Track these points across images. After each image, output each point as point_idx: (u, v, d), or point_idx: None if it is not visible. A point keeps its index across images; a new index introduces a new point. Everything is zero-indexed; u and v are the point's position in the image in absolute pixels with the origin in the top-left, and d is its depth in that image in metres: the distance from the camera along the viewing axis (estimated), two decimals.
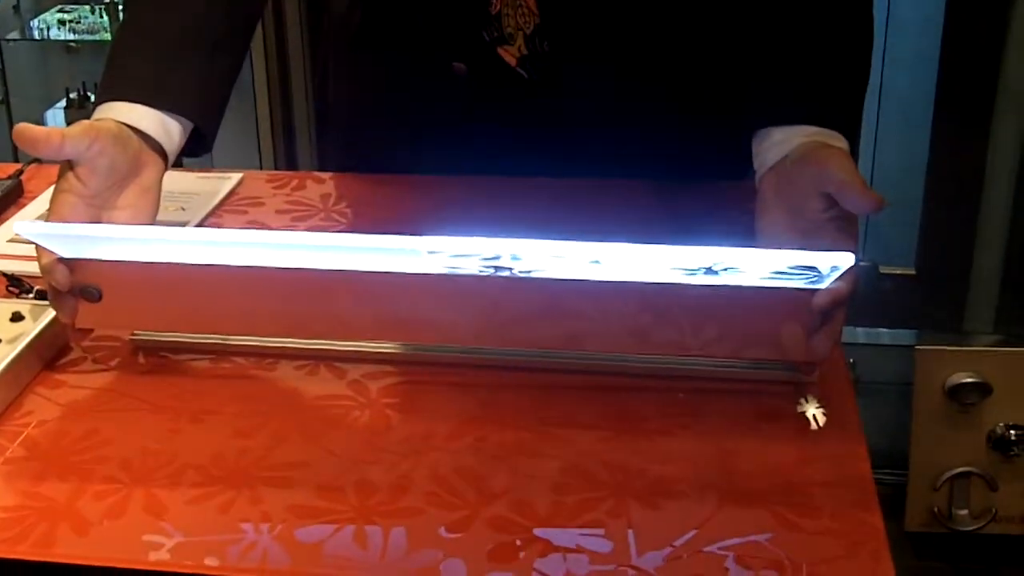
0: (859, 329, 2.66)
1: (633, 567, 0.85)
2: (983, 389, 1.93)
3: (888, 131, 2.73)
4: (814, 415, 1.01)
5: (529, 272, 0.95)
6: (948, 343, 2.41)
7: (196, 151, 1.23)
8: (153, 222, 1.14)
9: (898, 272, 2.79)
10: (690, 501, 0.92)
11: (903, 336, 2.73)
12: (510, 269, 0.94)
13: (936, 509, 2.02)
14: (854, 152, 1.12)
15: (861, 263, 1.02)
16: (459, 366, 1.08)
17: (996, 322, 2.72)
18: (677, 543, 0.87)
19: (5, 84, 3.11)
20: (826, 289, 0.95)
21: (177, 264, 1.00)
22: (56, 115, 3.13)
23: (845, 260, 0.90)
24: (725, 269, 0.92)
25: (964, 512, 2.01)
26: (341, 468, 0.96)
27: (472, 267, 0.95)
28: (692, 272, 0.93)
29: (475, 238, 0.92)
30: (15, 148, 1.14)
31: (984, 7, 2.62)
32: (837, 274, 0.92)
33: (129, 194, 1.12)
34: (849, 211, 1.04)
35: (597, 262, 0.93)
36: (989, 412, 1.96)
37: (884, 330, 2.72)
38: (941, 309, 2.75)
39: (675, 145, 1.43)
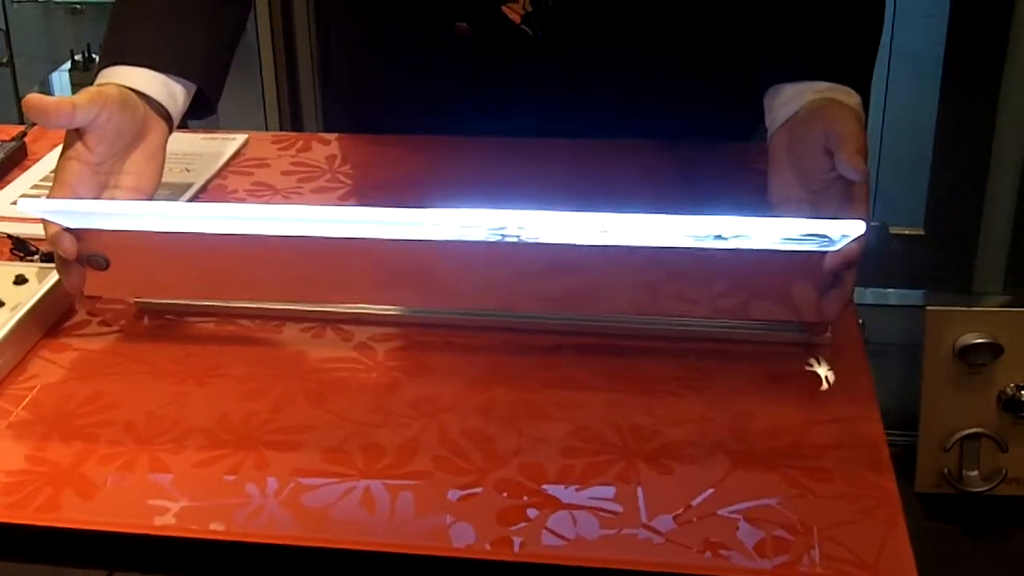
0: (867, 290, 2.64)
1: (643, 528, 0.85)
2: (994, 350, 1.92)
3: (898, 90, 2.71)
4: (826, 376, 1.01)
5: (536, 239, 0.94)
6: (957, 303, 2.40)
7: (200, 114, 1.22)
8: (158, 187, 1.13)
9: (907, 232, 2.77)
10: (701, 464, 0.91)
11: (911, 296, 2.71)
12: (517, 237, 0.93)
13: (946, 470, 2.00)
14: (866, 108, 1.11)
15: (872, 224, 1.01)
16: (467, 328, 1.07)
17: (1005, 282, 2.71)
18: (687, 506, 0.86)
19: (10, 46, 3.09)
20: (836, 251, 0.94)
21: (184, 233, 0.99)
22: (61, 77, 3.11)
23: (856, 228, 0.88)
24: (735, 236, 0.91)
25: (974, 473, 2.00)
26: (348, 431, 0.95)
27: (478, 236, 0.93)
28: (701, 239, 0.92)
29: (480, 210, 0.91)
30: (20, 112, 1.13)
31: None
32: (847, 241, 0.91)
33: (134, 159, 1.11)
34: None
35: (605, 232, 0.92)
36: (1000, 373, 1.95)
37: (892, 290, 2.71)
38: (950, 269, 2.74)
39: (683, 103, 1.42)
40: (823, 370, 1.02)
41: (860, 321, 1.09)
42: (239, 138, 1.45)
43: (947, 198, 2.75)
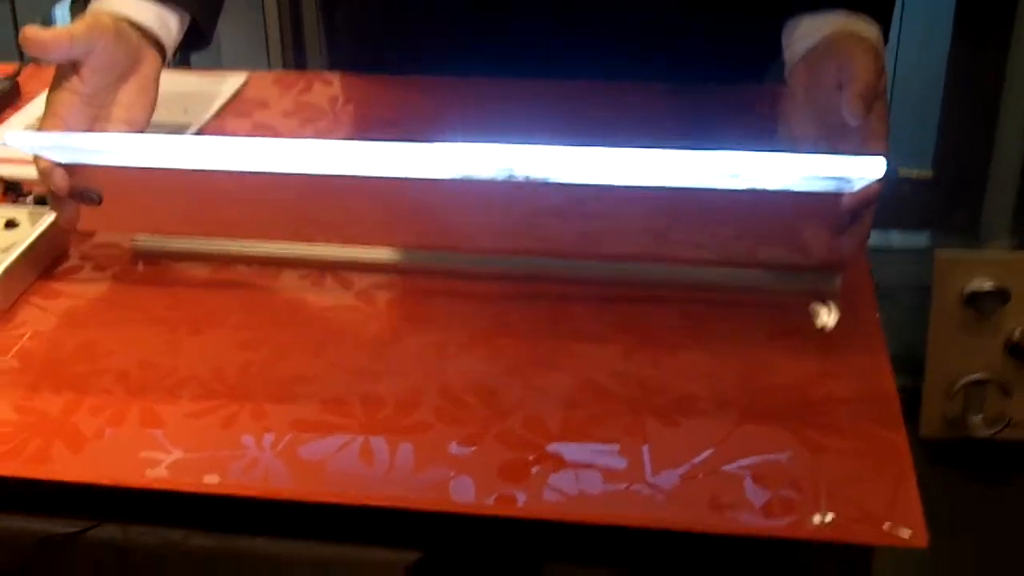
0: (873, 232, 2.62)
1: (648, 485, 0.83)
2: (1002, 296, 1.91)
3: (908, 31, 2.68)
4: (830, 322, 0.99)
5: (545, 178, 0.91)
6: (964, 248, 2.38)
7: (195, 45, 1.19)
8: (150, 119, 1.10)
9: (915, 174, 2.75)
10: (708, 418, 0.89)
11: (917, 239, 2.69)
12: (525, 176, 0.91)
13: (951, 416, 2.00)
14: (887, 39, 1.08)
15: None
16: (470, 276, 1.05)
17: (1013, 228, 2.69)
18: (694, 461, 0.84)
19: None
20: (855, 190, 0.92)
21: (179, 169, 0.96)
22: (63, 11, 3.07)
23: (876, 167, 0.86)
24: (751, 173, 0.88)
25: (979, 418, 2.00)
26: (347, 382, 0.93)
27: (485, 174, 0.91)
28: (717, 176, 0.89)
29: (487, 145, 0.88)
30: (19, 45, 1.10)
31: None
32: (867, 181, 0.88)
33: (127, 91, 1.08)
34: (878, 107, 1.00)
35: (618, 167, 0.89)
36: (1007, 319, 1.94)
37: (897, 233, 2.69)
38: (957, 213, 2.71)
39: (692, 43, 1.39)
40: (830, 316, 0.99)
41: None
42: (239, 77, 1.42)
43: (957, 141, 2.72)
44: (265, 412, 0.90)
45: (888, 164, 0.88)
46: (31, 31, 1.01)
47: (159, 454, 0.86)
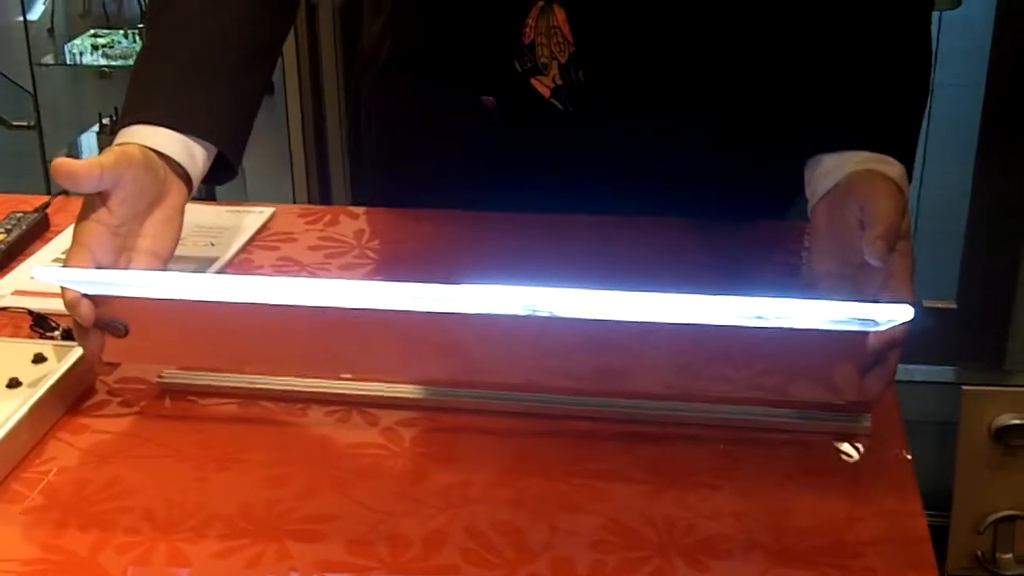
0: (898, 365, 2.60)
1: None
2: None
3: (931, 161, 2.69)
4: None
5: (568, 316, 0.91)
6: (990, 381, 2.37)
7: (220, 178, 1.20)
8: (175, 249, 1.11)
9: (939, 305, 2.74)
10: (738, 562, 0.88)
11: (943, 373, 2.68)
12: (549, 313, 0.90)
13: (980, 553, 1.97)
14: (911, 177, 1.08)
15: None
16: (496, 413, 1.04)
17: None
18: None
19: (37, 109, 3.09)
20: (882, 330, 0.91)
21: (204, 301, 0.96)
22: (89, 140, 3.11)
23: (903, 313, 0.85)
24: (777, 318, 0.88)
25: (1008, 556, 1.97)
26: (373, 521, 0.92)
27: (510, 310, 0.91)
28: (742, 320, 0.89)
29: (513, 287, 0.88)
30: (47, 176, 1.11)
31: None
32: (894, 324, 0.88)
33: (152, 222, 1.09)
34: (902, 246, 1.00)
35: (642, 311, 0.89)
36: None
37: (923, 366, 2.68)
38: (982, 344, 2.70)
39: (716, 180, 1.39)
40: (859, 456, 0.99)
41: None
42: (266, 211, 1.43)
43: (980, 271, 2.72)
44: (291, 552, 0.89)
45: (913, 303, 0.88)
46: (62, 162, 1.02)
47: None
